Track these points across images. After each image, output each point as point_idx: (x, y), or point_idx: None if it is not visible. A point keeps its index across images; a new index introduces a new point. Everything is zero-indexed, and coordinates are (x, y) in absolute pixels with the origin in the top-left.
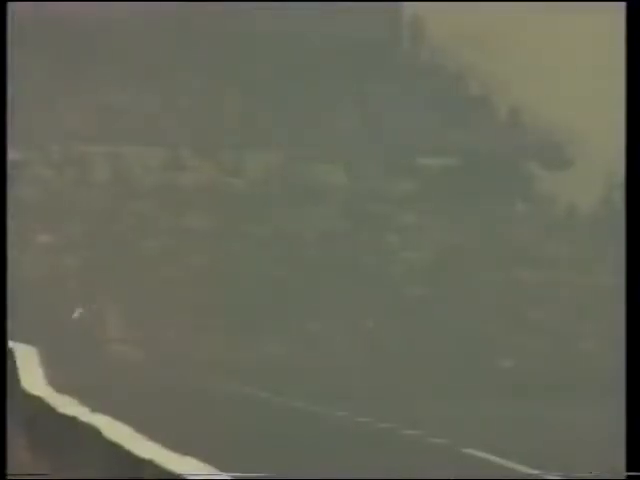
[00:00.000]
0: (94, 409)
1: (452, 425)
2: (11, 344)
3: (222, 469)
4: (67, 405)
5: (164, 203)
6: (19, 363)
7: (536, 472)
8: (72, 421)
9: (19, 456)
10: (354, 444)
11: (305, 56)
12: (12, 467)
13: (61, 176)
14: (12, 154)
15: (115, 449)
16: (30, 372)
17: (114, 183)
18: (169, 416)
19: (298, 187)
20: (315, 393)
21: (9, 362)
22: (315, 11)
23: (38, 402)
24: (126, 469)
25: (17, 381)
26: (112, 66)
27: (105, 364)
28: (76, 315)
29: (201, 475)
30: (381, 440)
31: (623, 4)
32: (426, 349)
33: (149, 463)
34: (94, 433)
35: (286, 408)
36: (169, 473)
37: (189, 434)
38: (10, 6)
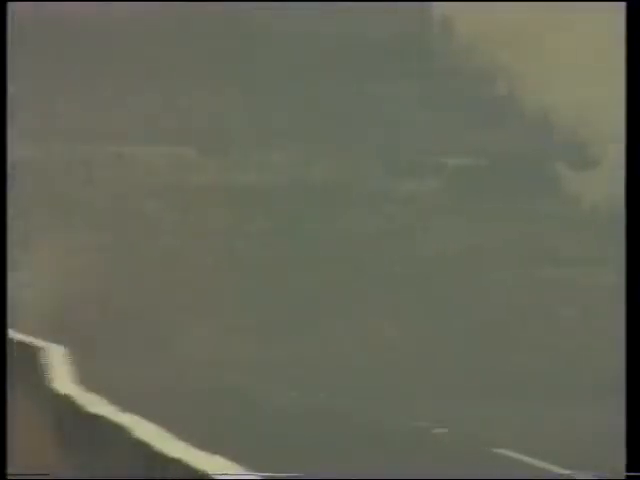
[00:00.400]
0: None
1: (482, 425)
2: (40, 343)
3: (252, 468)
4: (95, 404)
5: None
6: (48, 362)
7: (567, 472)
8: (100, 420)
9: (48, 455)
10: (385, 444)
11: (334, 55)
12: (42, 467)
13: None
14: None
15: (143, 448)
16: (59, 371)
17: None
18: (201, 415)
19: (320, 187)
20: (345, 392)
21: (39, 362)
22: (344, 10)
23: (67, 401)
24: (154, 468)
25: (47, 380)
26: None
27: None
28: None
29: (230, 474)
30: (413, 440)
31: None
32: (452, 348)
33: (177, 462)
34: (122, 432)
35: (317, 407)
36: (197, 472)
37: (220, 433)
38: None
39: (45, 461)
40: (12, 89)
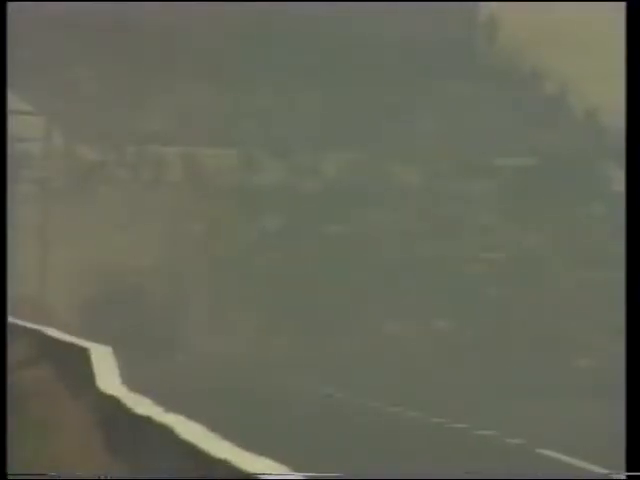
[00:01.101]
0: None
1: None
2: (87, 344)
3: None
4: (141, 404)
5: (240, 203)
6: (94, 363)
7: (606, 472)
8: (146, 421)
9: (94, 456)
10: (429, 444)
11: (382, 56)
12: (88, 467)
13: (137, 177)
14: (90, 155)
15: (189, 449)
16: (105, 372)
17: (189, 183)
18: (246, 415)
19: (375, 188)
20: (390, 393)
21: (84, 362)
22: (393, 12)
23: (113, 402)
24: (200, 469)
25: (92, 381)
26: (189, 67)
27: (188, 364)
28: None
29: (275, 475)
30: (455, 440)
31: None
32: (502, 348)
33: (223, 463)
34: (168, 433)
35: (363, 408)
36: (243, 473)
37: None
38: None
39: (92, 462)
40: (90, 92)
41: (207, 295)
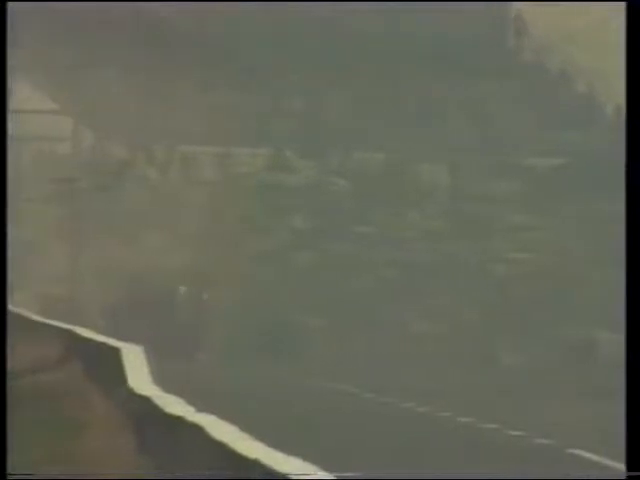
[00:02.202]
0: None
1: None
2: (117, 343)
3: (327, 469)
4: (173, 404)
5: (270, 203)
6: (125, 362)
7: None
8: (178, 421)
9: (125, 456)
10: (457, 444)
11: (412, 56)
12: (117, 467)
13: (166, 176)
14: (118, 154)
15: (221, 449)
16: (136, 371)
17: (221, 183)
18: (276, 416)
19: (404, 187)
20: (418, 393)
21: (115, 362)
22: (423, 11)
23: (144, 402)
24: (232, 469)
25: (123, 381)
26: (221, 67)
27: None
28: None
29: (305, 475)
30: (484, 441)
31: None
32: (529, 349)
33: (255, 463)
34: (200, 433)
35: (391, 408)
36: (275, 473)
37: (297, 434)
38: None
39: (124, 462)
40: (117, 90)
41: (239, 295)
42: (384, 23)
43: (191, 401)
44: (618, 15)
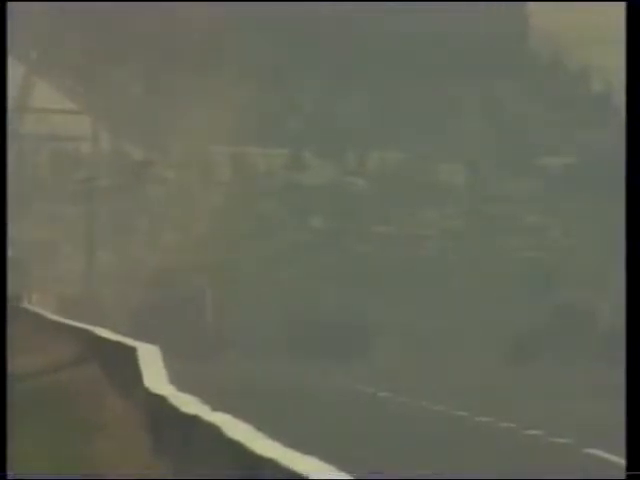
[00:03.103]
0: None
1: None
2: (133, 343)
3: (344, 469)
4: (189, 404)
5: (288, 203)
6: (141, 362)
7: None
8: (194, 420)
9: (141, 454)
10: (473, 443)
11: (431, 55)
12: (133, 465)
13: (184, 176)
14: (135, 154)
15: (236, 448)
16: (153, 371)
17: (238, 183)
18: (290, 416)
19: (421, 186)
20: (433, 393)
21: (131, 361)
22: (440, 11)
23: (161, 401)
24: (247, 468)
25: (139, 380)
26: (237, 67)
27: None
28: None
29: (322, 475)
30: (501, 440)
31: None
32: (557, 348)
33: (270, 462)
34: (215, 432)
35: (407, 408)
36: (290, 473)
37: (312, 435)
38: (10, 6)
39: (140, 462)
40: (137, 89)
41: (256, 294)
42: (400, 22)
43: (207, 400)
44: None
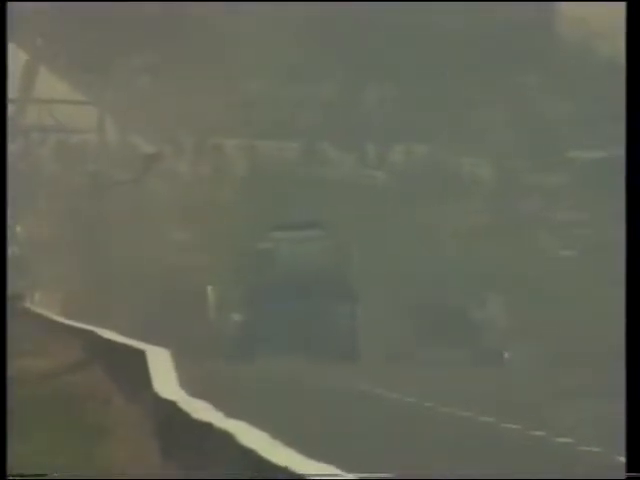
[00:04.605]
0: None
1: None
2: (142, 346)
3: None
4: (201, 410)
5: (303, 196)
6: (150, 366)
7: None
8: (207, 427)
9: (151, 462)
10: (478, 445)
11: (452, 45)
12: (143, 474)
13: (194, 168)
14: (147, 147)
15: (251, 456)
16: (162, 375)
17: (251, 177)
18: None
19: (444, 181)
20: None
21: (140, 365)
22: (468, 3)
23: (172, 407)
24: (263, 477)
25: (148, 385)
26: (251, 58)
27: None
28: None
29: (325, 475)
30: (507, 441)
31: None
32: (568, 350)
33: (285, 470)
34: (230, 439)
35: (415, 408)
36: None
37: (319, 434)
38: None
39: (149, 469)
40: (146, 82)
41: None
42: (423, 11)
43: (220, 406)
44: None
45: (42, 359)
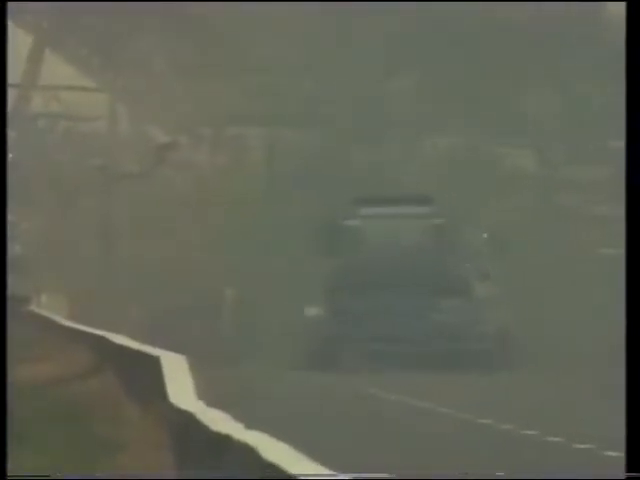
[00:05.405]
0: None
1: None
2: (158, 352)
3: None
4: (219, 421)
5: (316, 190)
6: (166, 373)
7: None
8: (225, 439)
9: (166, 474)
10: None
11: (493, 34)
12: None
13: (211, 159)
14: (162, 138)
15: (272, 469)
16: (180, 384)
17: (265, 168)
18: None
19: (484, 173)
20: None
21: (155, 372)
22: None
23: (188, 418)
24: None
25: (163, 393)
26: (274, 47)
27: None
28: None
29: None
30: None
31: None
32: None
33: None
34: (250, 452)
35: (422, 409)
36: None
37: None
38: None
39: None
40: (162, 68)
41: (287, 291)
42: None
43: (240, 417)
44: None
45: (50, 365)
